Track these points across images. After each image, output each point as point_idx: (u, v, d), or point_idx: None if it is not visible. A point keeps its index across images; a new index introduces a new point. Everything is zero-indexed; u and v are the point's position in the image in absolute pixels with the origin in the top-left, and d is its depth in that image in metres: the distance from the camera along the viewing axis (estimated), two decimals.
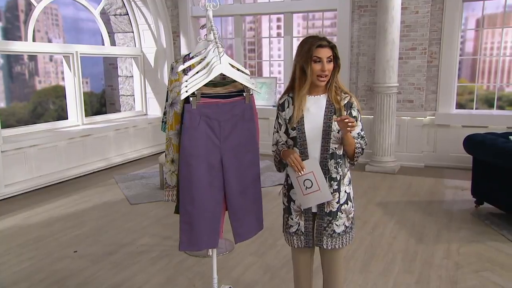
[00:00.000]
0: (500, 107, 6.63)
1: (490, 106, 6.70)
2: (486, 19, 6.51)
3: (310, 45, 2.11)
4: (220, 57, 2.25)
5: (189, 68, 2.51)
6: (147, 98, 8.06)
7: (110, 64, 9.66)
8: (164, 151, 7.41)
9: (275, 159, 2.30)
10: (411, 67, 6.51)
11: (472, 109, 6.64)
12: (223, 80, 2.47)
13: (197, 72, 2.26)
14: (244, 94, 2.35)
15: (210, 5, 2.42)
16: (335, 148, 2.18)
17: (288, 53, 7.46)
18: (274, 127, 2.29)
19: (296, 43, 7.71)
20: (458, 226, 4.17)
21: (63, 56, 6.66)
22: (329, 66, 2.13)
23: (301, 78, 2.15)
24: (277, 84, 7.69)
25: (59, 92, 9.17)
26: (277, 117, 2.26)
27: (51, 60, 9.20)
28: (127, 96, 8.26)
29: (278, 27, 8.11)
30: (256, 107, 2.57)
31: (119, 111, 8.92)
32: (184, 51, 8.05)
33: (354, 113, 2.22)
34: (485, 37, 6.61)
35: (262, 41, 8.15)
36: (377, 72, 6.25)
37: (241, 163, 2.40)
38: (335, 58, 2.17)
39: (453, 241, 3.82)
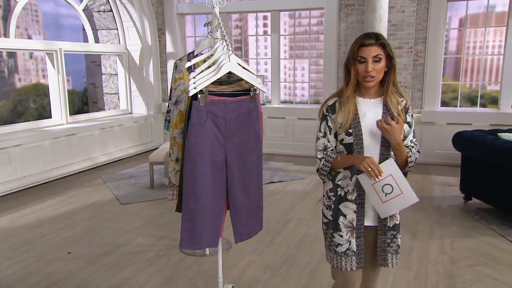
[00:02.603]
0: (483, 105, 6.79)
1: (473, 104, 6.85)
2: (469, 18, 6.65)
3: (355, 44, 1.96)
4: (229, 55, 2.24)
5: (195, 65, 2.49)
6: (132, 97, 7.96)
7: (92, 62, 9.51)
8: (153, 150, 7.35)
9: (323, 168, 2.04)
10: (398, 66, 6.52)
11: (456, 106, 6.78)
12: (228, 78, 2.46)
13: (205, 69, 2.24)
14: (251, 93, 2.34)
15: (217, 2, 2.40)
16: (393, 155, 2.01)
17: (276, 51, 7.48)
18: (320, 131, 2.06)
19: (283, 41, 7.74)
20: (449, 221, 4.26)
21: (46, 54, 6.51)
22: (376, 66, 1.94)
23: (346, 79, 2.01)
24: (264, 82, 7.70)
25: (39, 90, 8.99)
26: (326, 120, 2.05)
27: (31, 57, 9.00)
28: (111, 94, 8.14)
29: (265, 25, 8.10)
30: None
31: (102, 109, 8.80)
32: (169, 48, 7.98)
33: (409, 119, 2.06)
34: (468, 37, 6.75)
35: (248, 39, 8.14)
36: None
37: (245, 162, 2.39)
38: (388, 57, 1.97)
39: (446, 236, 3.90)
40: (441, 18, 6.42)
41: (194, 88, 2.13)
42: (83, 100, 9.73)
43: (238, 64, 2.30)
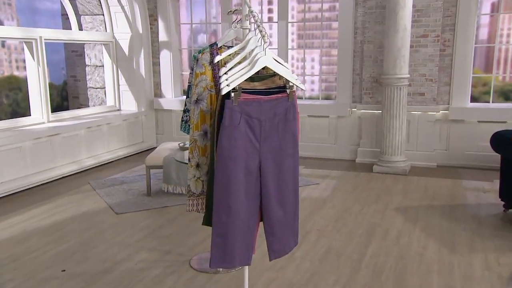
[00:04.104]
0: None
1: (507, 99, 6.89)
2: (503, 2, 6.66)
3: None
4: (264, 48, 2.22)
5: (217, 53, 2.47)
6: (121, 91, 7.93)
7: (72, 51, 9.44)
8: (145, 151, 7.30)
9: None
10: (423, 56, 6.62)
11: (488, 102, 6.80)
12: (256, 74, 2.44)
13: (236, 64, 2.23)
14: (288, 90, 2.33)
15: None
16: None
17: (283, 41, 7.46)
18: None
19: (291, 29, 7.72)
20: (490, 233, 4.27)
21: (24, 42, 6.45)
22: None
23: None
24: None
25: (13, 84, 8.91)
26: None
27: (3, 46, 8.92)
28: (96, 88, 8.09)
29: (270, 10, 8.10)
30: None
31: (84, 105, 8.75)
32: (162, 37, 7.95)
33: None
34: (502, 23, 6.77)
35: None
36: (386, 62, 6.33)
37: (281, 168, 2.39)
38: None
39: (489, 250, 3.91)
40: (471, 3, 6.42)
41: (227, 85, 2.11)
42: (63, 95, 9.66)
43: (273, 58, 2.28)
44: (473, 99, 6.90)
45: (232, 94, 2.16)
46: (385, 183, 5.96)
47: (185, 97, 3.06)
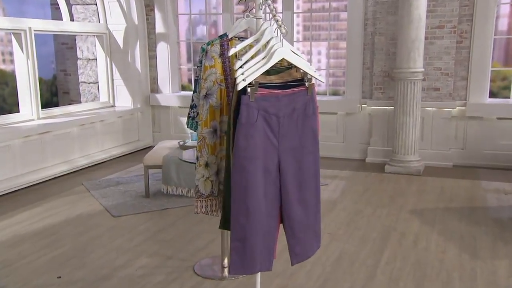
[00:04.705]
0: None
1: None
2: None
3: None
4: (281, 39, 2.22)
5: (227, 44, 2.46)
6: (115, 86, 7.93)
7: (62, 44, 9.43)
8: (141, 150, 7.30)
9: None
10: (438, 49, 6.62)
11: (508, 98, 6.80)
12: (272, 67, 2.44)
13: (252, 56, 2.22)
14: (306, 84, 2.33)
15: None
16: None
17: (288, 32, 7.43)
18: None
19: (296, 21, 7.71)
20: None
21: (12, 34, 6.44)
22: None
23: None
24: None
25: None
26: None
27: None
28: (89, 83, 8.09)
29: (274, 0, 8.09)
30: None
31: (75, 101, 8.74)
32: (159, 28, 7.94)
33: None
34: None
35: None
36: (399, 55, 6.32)
37: (301, 167, 2.40)
38: None
39: None
40: None
41: (243, 80, 2.10)
42: (52, 90, 9.65)
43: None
44: (492, 94, 6.91)
45: (249, 89, 2.16)
46: (398, 184, 5.96)
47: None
